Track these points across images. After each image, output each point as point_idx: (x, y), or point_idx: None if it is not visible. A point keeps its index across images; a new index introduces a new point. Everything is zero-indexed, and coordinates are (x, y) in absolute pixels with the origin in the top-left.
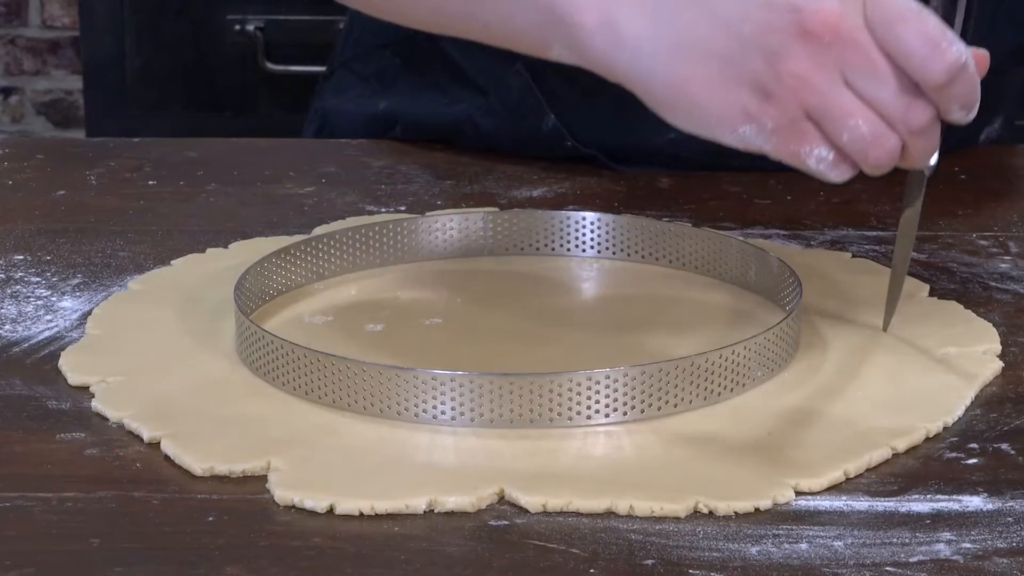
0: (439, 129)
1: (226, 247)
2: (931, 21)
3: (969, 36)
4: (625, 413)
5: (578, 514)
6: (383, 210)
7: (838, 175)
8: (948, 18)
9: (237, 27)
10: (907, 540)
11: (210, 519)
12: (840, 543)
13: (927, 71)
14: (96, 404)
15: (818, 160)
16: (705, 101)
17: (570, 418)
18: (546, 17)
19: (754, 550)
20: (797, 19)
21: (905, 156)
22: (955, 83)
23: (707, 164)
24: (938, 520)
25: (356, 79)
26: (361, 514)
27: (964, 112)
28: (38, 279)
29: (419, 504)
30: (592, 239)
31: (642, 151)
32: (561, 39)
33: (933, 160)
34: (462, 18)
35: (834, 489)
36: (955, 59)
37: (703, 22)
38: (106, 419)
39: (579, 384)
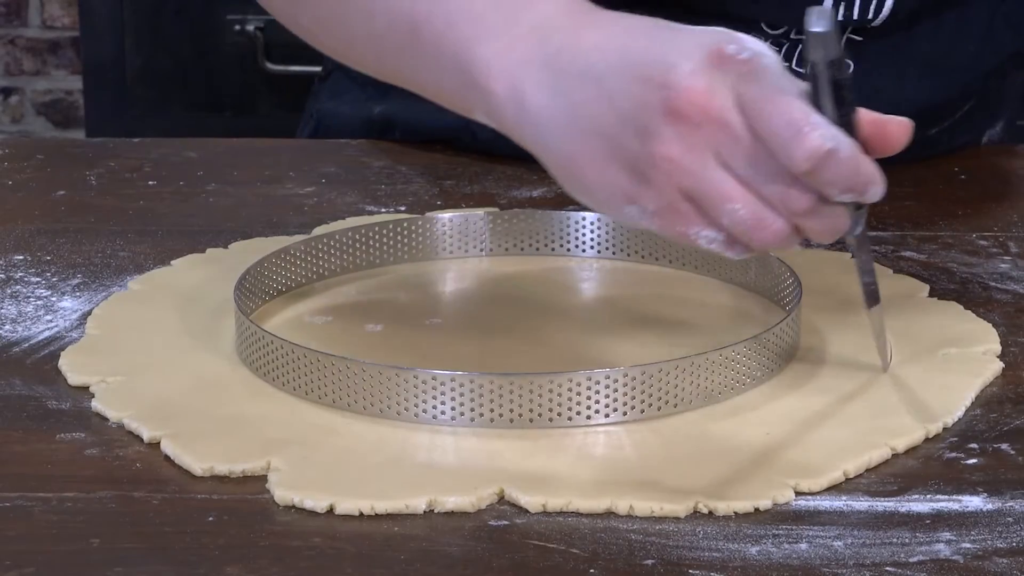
0: (436, 135)
1: (226, 247)
2: (795, 105)
3: (848, 119)
4: (625, 413)
5: (578, 514)
6: (383, 210)
7: (735, 254)
8: (818, 100)
9: (237, 27)
10: (907, 540)
11: (210, 519)
12: (840, 543)
13: (789, 157)
14: (96, 404)
15: (708, 241)
16: (591, 179)
17: (570, 418)
18: (465, 80)
19: (754, 550)
20: (666, 97)
21: (804, 236)
22: (822, 170)
23: None
24: (938, 520)
25: (352, 83)
26: (361, 514)
27: (853, 195)
28: (38, 279)
29: (419, 504)
30: (592, 239)
31: None
32: (479, 104)
33: (858, 230)
34: (400, 72)
35: (834, 489)
36: (815, 146)
37: (593, 98)
38: (106, 419)
39: (579, 384)
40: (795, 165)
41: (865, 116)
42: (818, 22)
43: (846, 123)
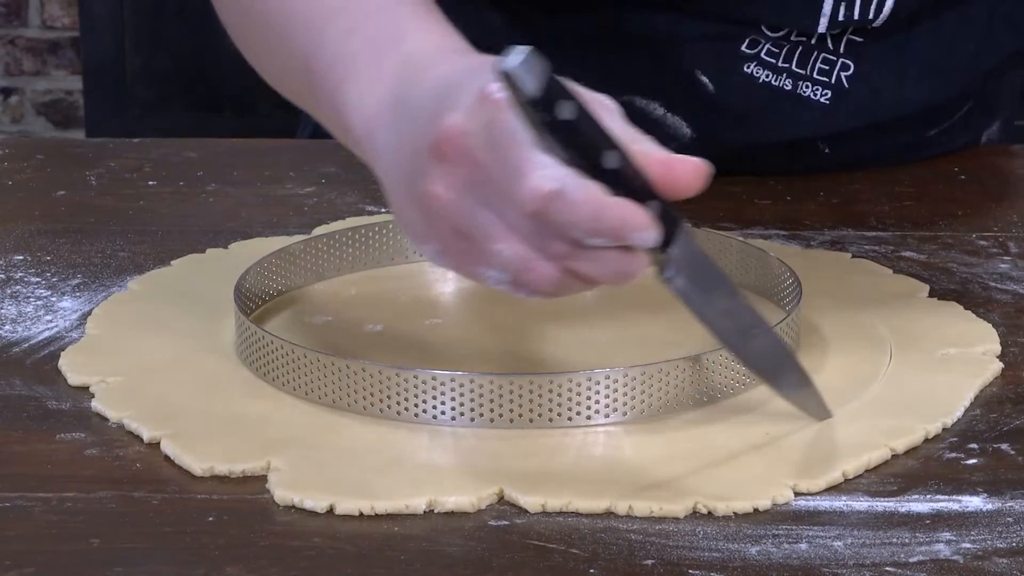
0: None
1: (226, 247)
2: (524, 146)
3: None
4: (625, 413)
5: (578, 514)
6: (383, 210)
7: (526, 295)
8: (546, 138)
9: None
10: (907, 540)
11: (210, 519)
12: (840, 543)
13: (514, 197)
14: (96, 404)
15: (496, 282)
16: (402, 218)
17: (570, 418)
18: (339, 120)
19: (754, 550)
20: (432, 134)
21: (587, 280)
22: (550, 212)
23: None
24: (938, 520)
25: None
26: (361, 514)
27: (605, 239)
28: (38, 279)
29: (419, 504)
30: None
31: None
32: (351, 144)
33: (668, 273)
34: (308, 110)
35: (834, 489)
36: (533, 186)
37: (408, 135)
38: (106, 419)
39: (579, 384)
40: (522, 206)
41: (650, 156)
42: (505, 61)
43: (586, 164)
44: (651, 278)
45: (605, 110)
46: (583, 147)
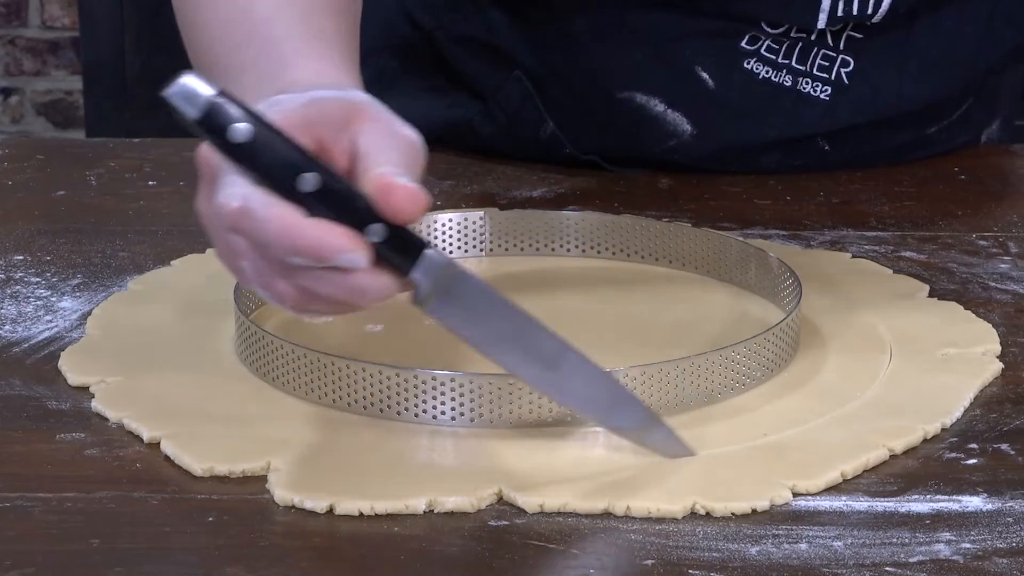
0: (437, 132)
1: None
2: (222, 166)
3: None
4: None
5: (577, 514)
6: None
7: (297, 315)
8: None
9: None
10: (907, 540)
11: (210, 519)
12: (840, 543)
13: (216, 211)
14: (96, 404)
15: (269, 298)
16: None
17: (570, 418)
18: None
19: (754, 550)
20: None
21: (324, 299)
22: (241, 229)
23: (705, 171)
24: (938, 520)
25: None
26: (361, 514)
27: (304, 259)
28: (38, 279)
29: (419, 504)
30: (592, 239)
31: (640, 159)
32: None
33: (424, 297)
34: None
35: (834, 489)
36: (220, 203)
37: None
38: (106, 419)
39: None
40: (220, 221)
41: (377, 181)
42: (166, 87)
43: (279, 187)
44: (652, 280)
45: (394, 137)
46: (268, 169)
